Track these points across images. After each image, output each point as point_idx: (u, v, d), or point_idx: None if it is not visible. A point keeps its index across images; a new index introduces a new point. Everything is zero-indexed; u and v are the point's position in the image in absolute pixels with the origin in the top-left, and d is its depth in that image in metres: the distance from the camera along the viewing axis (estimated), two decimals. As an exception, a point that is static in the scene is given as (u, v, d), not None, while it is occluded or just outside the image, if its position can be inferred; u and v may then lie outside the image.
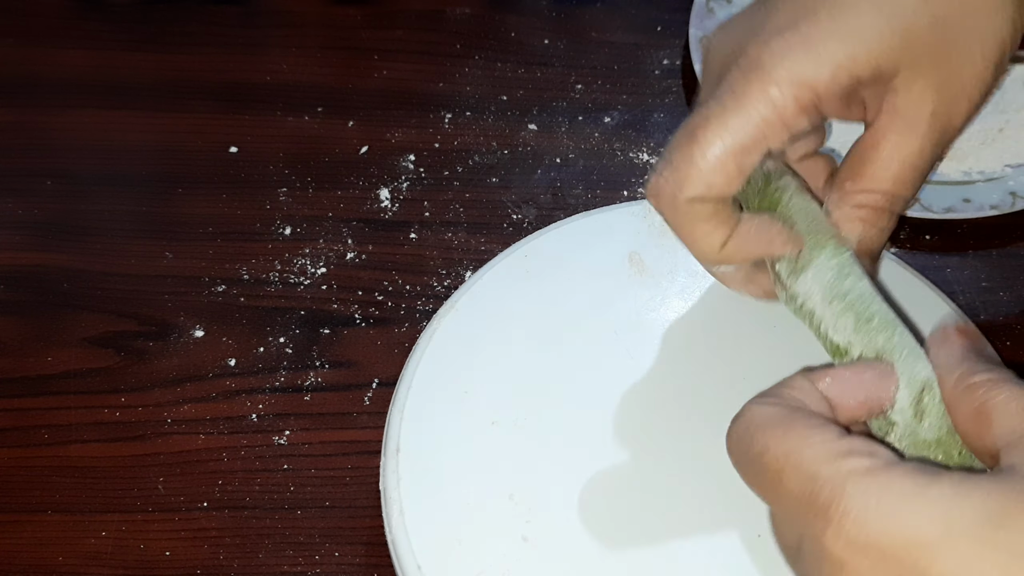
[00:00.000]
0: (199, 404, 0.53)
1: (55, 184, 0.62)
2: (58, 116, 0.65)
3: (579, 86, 0.67)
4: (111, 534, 0.49)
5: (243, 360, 0.55)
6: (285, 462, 0.52)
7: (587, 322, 0.49)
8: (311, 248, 0.59)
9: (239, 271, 0.58)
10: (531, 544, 0.43)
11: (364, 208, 0.61)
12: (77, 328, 0.56)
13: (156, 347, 0.55)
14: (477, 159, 0.63)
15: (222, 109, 0.65)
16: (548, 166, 0.63)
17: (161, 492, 0.50)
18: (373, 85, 0.67)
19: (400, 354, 0.54)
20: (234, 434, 0.52)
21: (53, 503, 0.50)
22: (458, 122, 0.65)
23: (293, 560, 0.49)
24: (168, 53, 0.68)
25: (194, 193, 0.61)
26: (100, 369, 0.54)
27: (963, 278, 0.57)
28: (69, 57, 0.67)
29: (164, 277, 0.58)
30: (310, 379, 0.54)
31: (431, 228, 0.60)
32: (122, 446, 0.52)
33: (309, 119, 0.65)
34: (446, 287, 0.58)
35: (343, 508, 0.50)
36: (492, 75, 0.67)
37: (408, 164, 0.63)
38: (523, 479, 0.45)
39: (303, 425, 0.53)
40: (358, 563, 0.49)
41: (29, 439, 0.52)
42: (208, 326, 0.56)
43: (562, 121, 0.65)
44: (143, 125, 0.64)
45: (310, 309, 0.57)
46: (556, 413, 0.46)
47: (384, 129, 0.64)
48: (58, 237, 0.59)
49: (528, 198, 0.61)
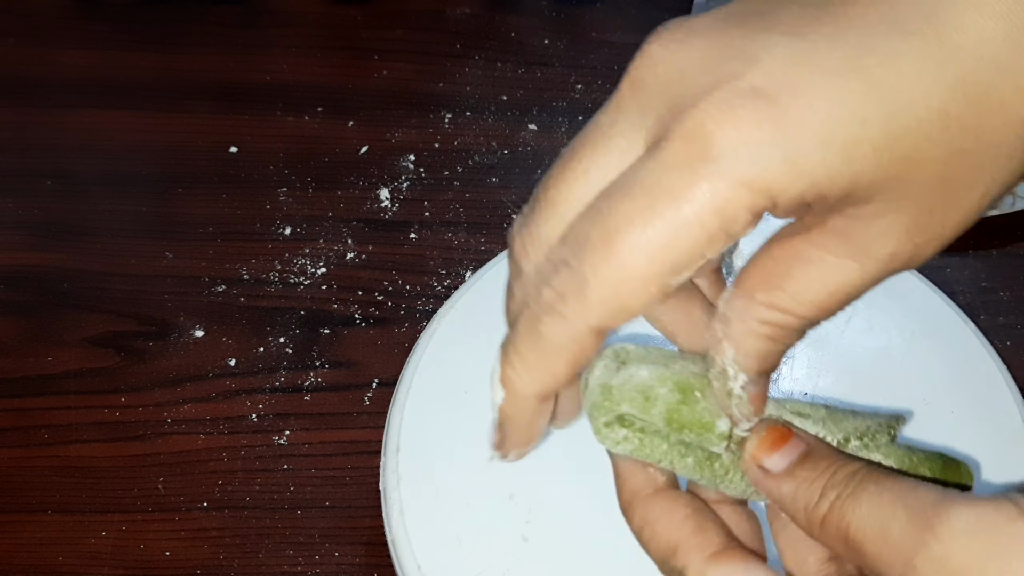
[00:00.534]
0: (199, 404, 0.53)
1: (55, 184, 0.62)
2: (58, 116, 0.65)
3: (579, 86, 0.67)
4: (111, 534, 0.49)
5: (243, 360, 0.55)
6: (285, 462, 0.52)
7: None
8: (311, 248, 0.59)
9: (239, 271, 0.58)
10: (531, 544, 0.43)
11: (364, 208, 0.61)
12: (77, 328, 0.56)
13: (156, 347, 0.55)
14: (477, 159, 0.63)
15: (222, 109, 0.65)
16: (548, 166, 0.63)
17: (161, 492, 0.50)
18: (373, 85, 0.67)
19: (400, 354, 0.54)
20: (234, 434, 0.52)
21: (53, 503, 0.50)
22: (458, 122, 0.65)
23: (293, 560, 0.49)
24: (168, 53, 0.68)
25: (194, 193, 0.61)
26: (100, 369, 0.54)
27: (963, 278, 0.57)
28: (69, 57, 0.67)
29: (164, 277, 0.58)
30: (310, 379, 0.54)
31: (431, 228, 0.60)
32: (122, 446, 0.52)
33: (309, 119, 0.65)
34: (446, 287, 0.58)
35: (343, 508, 0.50)
36: (492, 75, 0.67)
37: (408, 164, 0.63)
38: (523, 479, 0.45)
39: (303, 425, 0.53)
40: (358, 563, 0.49)
41: (29, 439, 0.52)
42: (208, 326, 0.56)
43: (562, 121, 0.65)
44: (143, 125, 0.64)
45: (310, 309, 0.57)
46: (556, 413, 0.46)
47: (384, 129, 0.64)
48: (58, 237, 0.59)
49: (528, 198, 0.61)
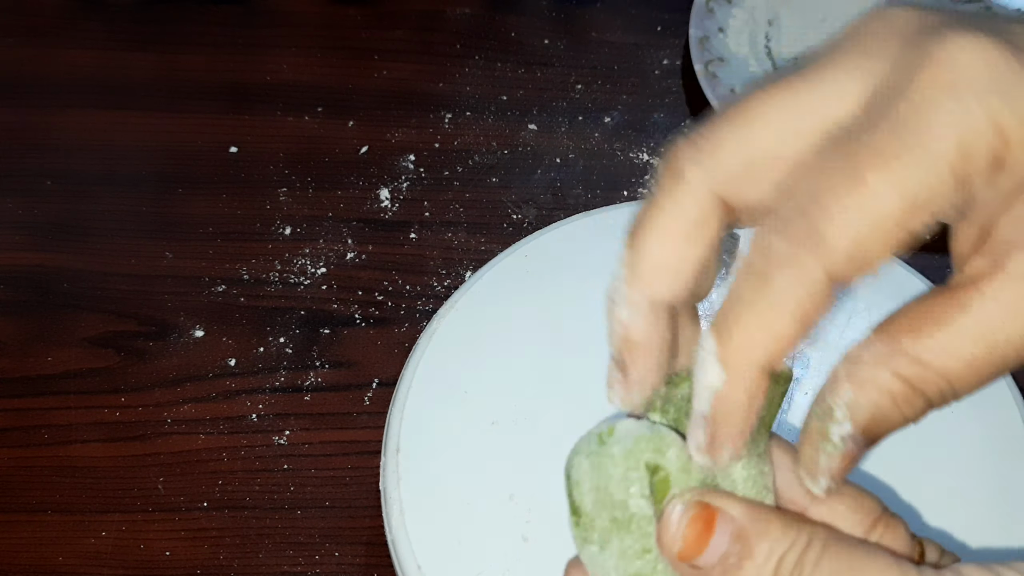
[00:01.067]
0: (199, 404, 0.53)
1: (55, 184, 0.62)
2: (58, 116, 0.65)
3: (579, 86, 0.67)
4: (111, 534, 0.49)
5: (243, 360, 0.55)
6: (285, 462, 0.51)
7: (587, 322, 0.49)
8: (311, 248, 0.59)
9: (239, 271, 0.58)
10: (531, 544, 0.43)
11: (364, 208, 0.61)
12: (77, 328, 0.56)
13: (156, 347, 0.55)
14: (477, 159, 0.63)
15: (222, 109, 0.65)
16: (548, 166, 0.63)
17: (161, 492, 0.50)
18: (373, 85, 0.67)
19: (400, 354, 0.54)
20: (234, 434, 0.52)
21: (53, 503, 0.50)
22: (458, 122, 0.65)
23: (293, 560, 0.49)
24: (168, 53, 0.68)
25: (194, 193, 0.61)
26: (100, 369, 0.54)
27: (963, 278, 0.57)
28: (69, 57, 0.67)
29: (164, 277, 0.58)
30: (310, 379, 0.54)
31: (431, 228, 0.60)
32: (122, 446, 0.52)
33: (309, 119, 0.65)
34: (446, 287, 0.58)
35: (343, 508, 0.50)
36: (492, 75, 0.67)
37: (408, 164, 0.63)
38: (523, 479, 0.44)
39: (303, 425, 0.53)
40: (358, 563, 0.49)
41: (29, 439, 0.52)
42: (208, 326, 0.56)
43: (562, 121, 0.65)
44: (143, 125, 0.64)
45: (310, 309, 0.57)
46: (556, 413, 0.46)
47: (384, 129, 0.64)
48: (58, 237, 0.59)
49: (528, 198, 0.61)
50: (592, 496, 0.27)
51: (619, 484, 0.26)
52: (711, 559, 0.25)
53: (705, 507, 0.26)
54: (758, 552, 0.25)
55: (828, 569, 0.25)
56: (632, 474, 0.26)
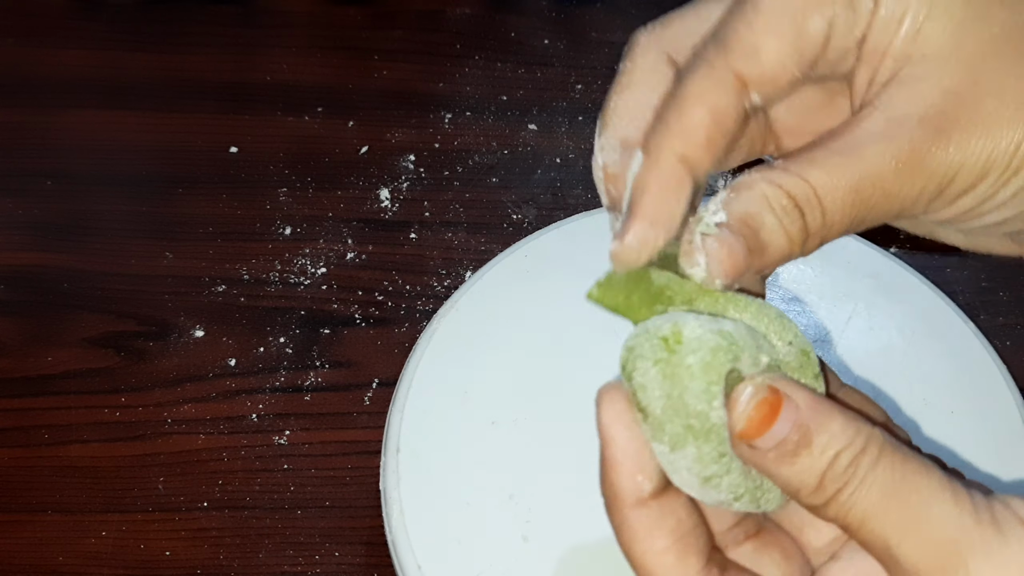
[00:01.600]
0: (199, 404, 0.53)
1: (55, 184, 0.62)
2: (58, 116, 0.65)
3: (579, 86, 0.67)
4: (111, 534, 0.49)
5: (243, 360, 0.55)
6: (285, 462, 0.52)
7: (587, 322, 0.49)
8: (311, 248, 0.59)
9: (239, 271, 0.58)
10: (531, 544, 0.43)
11: (364, 208, 0.61)
12: (77, 328, 0.56)
13: (156, 347, 0.55)
14: (477, 159, 0.63)
15: (222, 109, 0.65)
16: (548, 166, 0.63)
17: (161, 492, 0.50)
18: (373, 85, 0.67)
19: (400, 354, 0.54)
20: (234, 434, 0.52)
21: (53, 503, 0.50)
22: (458, 122, 0.65)
23: (293, 560, 0.49)
24: (168, 53, 0.68)
25: (194, 193, 0.61)
26: (100, 369, 0.54)
27: (963, 278, 0.57)
28: (69, 57, 0.67)
29: (164, 277, 0.58)
30: (310, 379, 0.54)
31: (431, 228, 0.60)
32: (122, 446, 0.52)
33: (309, 119, 0.65)
34: (446, 287, 0.58)
35: (343, 508, 0.50)
36: (492, 75, 0.67)
37: (408, 164, 0.63)
38: (523, 479, 0.45)
39: (303, 425, 0.53)
40: (358, 563, 0.49)
41: (29, 439, 0.52)
42: (208, 326, 0.56)
43: (562, 121, 0.65)
44: (143, 125, 0.64)
45: (310, 309, 0.57)
46: (556, 413, 0.46)
47: (384, 129, 0.64)
48: (58, 237, 0.59)
49: (528, 198, 0.61)
50: (663, 403, 0.27)
51: (699, 396, 0.27)
52: (770, 443, 0.26)
53: (774, 392, 0.26)
54: (816, 444, 0.25)
55: (881, 478, 0.25)
56: (714, 388, 0.26)
